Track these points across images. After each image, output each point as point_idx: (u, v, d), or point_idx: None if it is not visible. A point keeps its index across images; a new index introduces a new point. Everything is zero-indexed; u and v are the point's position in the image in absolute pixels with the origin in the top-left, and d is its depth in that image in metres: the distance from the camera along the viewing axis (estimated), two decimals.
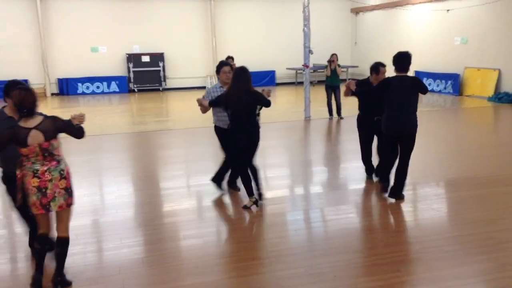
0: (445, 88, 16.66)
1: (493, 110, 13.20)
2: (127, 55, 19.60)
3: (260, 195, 5.76)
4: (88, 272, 4.20)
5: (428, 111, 13.49)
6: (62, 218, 3.90)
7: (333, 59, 11.97)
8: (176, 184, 6.89)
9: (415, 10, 18.03)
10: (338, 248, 4.59)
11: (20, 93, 3.73)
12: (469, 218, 5.33)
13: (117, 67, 19.88)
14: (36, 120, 3.74)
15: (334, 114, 11.95)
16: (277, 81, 21.53)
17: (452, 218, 5.40)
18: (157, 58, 19.83)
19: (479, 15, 15.25)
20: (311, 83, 14.36)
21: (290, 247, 4.63)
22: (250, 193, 5.64)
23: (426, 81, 17.63)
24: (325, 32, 20.65)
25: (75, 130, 4.04)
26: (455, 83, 16.18)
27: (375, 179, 6.55)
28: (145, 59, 19.69)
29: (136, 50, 19.85)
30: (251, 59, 20.41)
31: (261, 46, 21.00)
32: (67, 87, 19.26)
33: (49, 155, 3.77)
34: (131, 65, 19.60)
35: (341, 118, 11.80)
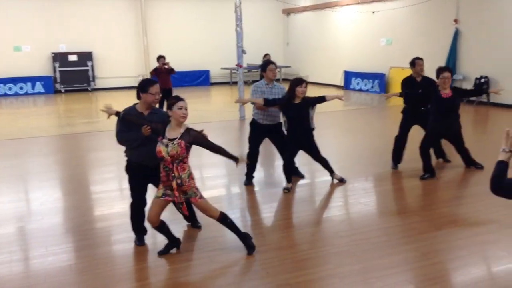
0: (372, 87, 17.39)
1: None
2: (53, 54, 18.77)
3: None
4: (13, 282, 3.99)
5: (356, 109, 14.01)
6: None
7: (267, 59, 12.10)
8: (106, 187, 6.69)
9: (343, 12, 18.66)
10: (271, 244, 4.66)
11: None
12: (394, 210, 5.61)
13: (42, 67, 18.98)
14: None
15: None
16: (212, 80, 21.48)
17: (378, 211, 5.65)
18: (85, 57, 19.14)
19: (402, 17, 16.04)
20: (246, 83, 14.46)
21: (225, 246, 4.64)
22: (289, 180, 6.29)
23: (354, 81, 18.34)
24: (257, 32, 20.85)
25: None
26: (381, 82, 16.93)
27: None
28: (72, 58, 18.94)
29: (62, 49, 19.03)
30: (184, 59, 20.24)
31: (195, 45, 20.85)
32: None
33: None
34: (57, 65, 18.77)
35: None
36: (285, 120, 6.23)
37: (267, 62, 6.48)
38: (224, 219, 4.35)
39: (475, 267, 4.14)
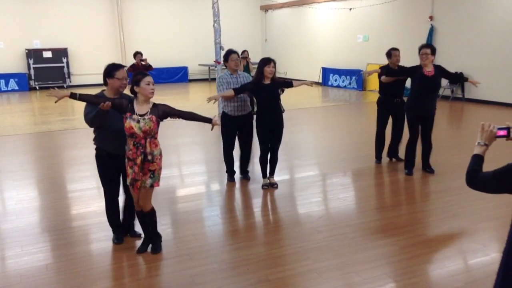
0: (349, 83, 17.53)
1: None
2: (27, 51, 18.37)
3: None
4: None
5: (333, 105, 14.11)
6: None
7: (245, 55, 12.06)
8: (82, 186, 6.58)
9: (320, 9, 18.74)
10: (250, 241, 4.66)
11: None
12: (372, 205, 5.66)
13: (16, 64, 18.56)
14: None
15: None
16: (190, 77, 21.34)
17: (357, 206, 5.69)
18: (60, 53, 18.78)
19: (379, 14, 16.20)
20: None
21: (204, 243, 4.62)
22: (265, 175, 6.31)
23: (332, 77, 18.45)
24: (235, 28, 20.80)
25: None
26: (358, 79, 17.08)
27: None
28: (47, 54, 18.56)
29: (36, 45, 18.64)
30: (162, 55, 20.07)
31: (172, 41, 20.68)
32: None
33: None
34: (31, 61, 18.39)
35: (254, 113, 11.93)
36: (255, 104, 6.16)
37: (228, 52, 6.31)
38: (152, 214, 4.33)
39: (452, 260, 4.21)
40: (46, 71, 18.69)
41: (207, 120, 4.42)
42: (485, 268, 3.97)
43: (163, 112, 4.14)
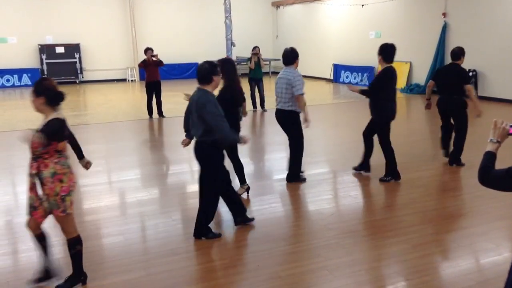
0: (361, 80, 17.42)
1: (405, 100, 14.00)
2: (40, 46, 18.51)
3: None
4: (1, 276, 3.97)
5: (345, 102, 14.03)
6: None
7: (256, 51, 12.05)
8: (95, 180, 6.63)
9: (332, 5, 18.63)
10: (261, 237, 4.66)
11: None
12: (383, 203, 5.63)
13: (29, 59, 18.72)
14: None
15: (257, 106, 12.08)
16: None
17: (368, 203, 5.67)
18: (73, 49, 18.91)
19: (391, 10, 16.07)
20: None
21: (214, 239, 4.62)
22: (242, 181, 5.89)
23: (343, 74, 18.36)
24: (247, 25, 20.77)
25: None
26: (370, 76, 16.96)
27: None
28: (60, 50, 18.70)
29: (49, 41, 18.78)
30: (173, 51, 20.10)
31: (184, 38, 20.70)
32: None
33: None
34: (44, 57, 18.53)
35: (265, 110, 11.95)
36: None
37: (295, 53, 6.25)
38: (75, 242, 3.78)
39: (464, 259, 4.17)
40: (58, 67, 18.83)
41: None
42: (498, 268, 3.93)
43: (52, 133, 3.36)
